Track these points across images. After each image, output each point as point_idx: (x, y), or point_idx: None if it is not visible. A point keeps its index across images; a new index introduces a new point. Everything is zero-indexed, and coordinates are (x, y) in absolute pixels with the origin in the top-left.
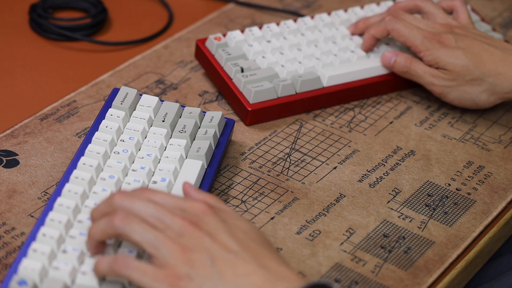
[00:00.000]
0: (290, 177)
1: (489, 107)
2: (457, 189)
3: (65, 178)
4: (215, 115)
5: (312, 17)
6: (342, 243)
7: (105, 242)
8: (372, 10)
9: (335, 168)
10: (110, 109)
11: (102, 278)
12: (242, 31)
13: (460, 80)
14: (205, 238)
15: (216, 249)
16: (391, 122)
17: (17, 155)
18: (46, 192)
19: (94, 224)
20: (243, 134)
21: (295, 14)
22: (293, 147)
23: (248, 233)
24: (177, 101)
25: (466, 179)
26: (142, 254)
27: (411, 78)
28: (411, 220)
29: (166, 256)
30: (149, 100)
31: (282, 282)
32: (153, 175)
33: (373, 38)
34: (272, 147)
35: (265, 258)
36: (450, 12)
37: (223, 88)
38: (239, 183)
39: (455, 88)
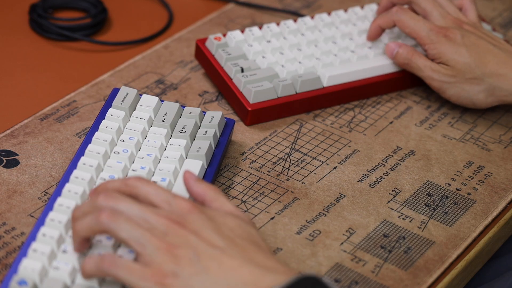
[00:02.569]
0: (290, 177)
1: (486, 107)
2: (457, 189)
3: (65, 178)
4: (215, 115)
5: (312, 17)
6: (342, 243)
7: (90, 239)
8: (372, 10)
9: (335, 168)
10: (110, 109)
11: (102, 278)
12: (242, 31)
13: (460, 77)
14: (190, 236)
15: (201, 246)
16: (391, 122)
17: (17, 155)
18: (46, 192)
19: (79, 220)
20: (243, 134)
21: (295, 14)
22: (293, 147)
23: (235, 229)
24: (177, 101)
25: (466, 179)
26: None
27: (411, 71)
28: (411, 220)
29: (152, 253)
30: (149, 100)
31: (270, 274)
32: (153, 175)
33: (379, 28)
34: (272, 147)
35: (252, 252)
36: (459, 9)
37: (223, 88)
38: (239, 183)
39: (454, 85)
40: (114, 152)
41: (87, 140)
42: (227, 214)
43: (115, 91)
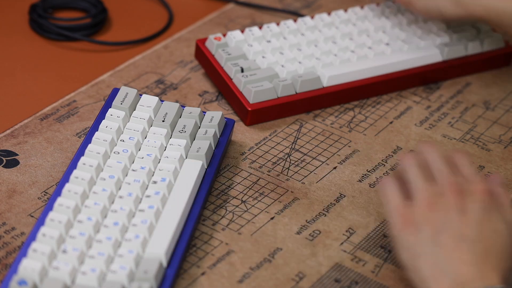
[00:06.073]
0: (290, 177)
1: (455, 19)
2: None
3: (65, 178)
4: (215, 115)
5: (312, 17)
6: (342, 243)
7: None
8: (372, 9)
9: (335, 168)
10: (110, 109)
11: (102, 278)
12: (242, 31)
13: None
14: (453, 210)
15: (454, 224)
16: (391, 122)
17: (17, 155)
18: (46, 192)
19: None
20: (243, 134)
21: (295, 14)
22: (293, 147)
23: (495, 234)
24: (177, 101)
25: None
26: None
27: None
28: None
29: (416, 196)
30: (149, 100)
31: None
32: (153, 175)
33: None
34: (272, 147)
35: (488, 263)
36: None
37: (223, 88)
38: (239, 183)
39: None
40: (114, 152)
41: (87, 140)
42: (505, 219)
43: (115, 91)
